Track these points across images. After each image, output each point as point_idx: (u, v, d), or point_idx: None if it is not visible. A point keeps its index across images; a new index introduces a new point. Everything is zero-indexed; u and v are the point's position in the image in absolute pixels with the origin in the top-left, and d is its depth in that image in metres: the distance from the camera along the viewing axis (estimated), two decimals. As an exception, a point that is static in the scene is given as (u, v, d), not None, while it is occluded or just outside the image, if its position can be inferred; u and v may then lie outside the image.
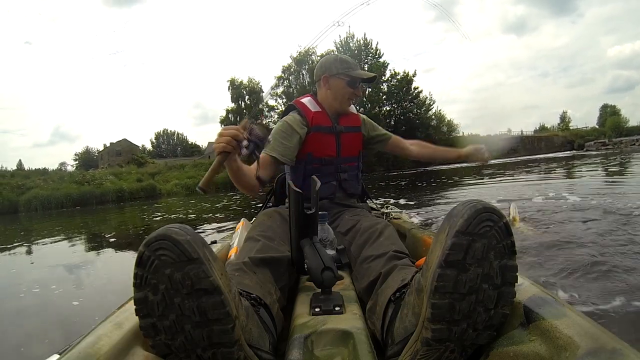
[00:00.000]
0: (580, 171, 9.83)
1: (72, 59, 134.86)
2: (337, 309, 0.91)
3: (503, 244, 0.68)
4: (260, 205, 1.99)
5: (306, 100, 1.69)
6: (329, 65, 1.63)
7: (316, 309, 0.91)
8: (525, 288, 0.77)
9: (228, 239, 1.77)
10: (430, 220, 4.32)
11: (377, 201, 2.11)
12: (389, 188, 10.28)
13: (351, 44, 33.57)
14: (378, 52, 33.90)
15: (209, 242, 0.73)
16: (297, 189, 0.93)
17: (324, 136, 1.61)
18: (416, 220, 4.00)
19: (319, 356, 0.78)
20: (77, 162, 59.63)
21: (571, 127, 54.28)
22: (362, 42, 33.73)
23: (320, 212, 1.10)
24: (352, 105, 1.74)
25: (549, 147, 39.38)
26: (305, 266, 0.95)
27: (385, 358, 0.82)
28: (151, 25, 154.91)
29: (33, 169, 34.48)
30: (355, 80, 1.60)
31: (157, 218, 8.96)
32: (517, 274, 0.71)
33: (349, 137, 1.67)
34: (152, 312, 0.65)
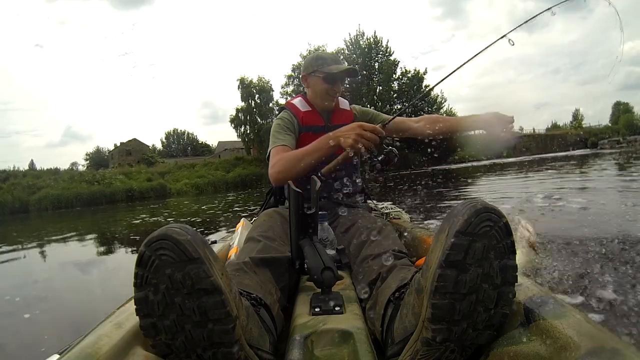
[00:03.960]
0: (600, 170, 9.64)
1: (82, 60, 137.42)
2: (337, 309, 0.91)
3: (503, 243, 0.68)
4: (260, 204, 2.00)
5: (296, 101, 1.70)
6: (307, 64, 1.64)
7: (316, 309, 0.91)
8: (526, 288, 0.77)
9: (228, 239, 1.77)
10: (430, 220, 4.30)
11: (380, 204, 2.09)
12: (388, 189, 10.18)
13: (361, 42, 33.43)
14: (388, 50, 33.72)
15: (209, 242, 0.73)
16: (297, 189, 0.93)
17: (316, 136, 1.57)
18: (416, 220, 3.97)
19: (319, 356, 0.78)
20: (88, 161, 60.34)
21: (584, 125, 53.46)
22: (372, 40, 33.56)
23: (320, 212, 1.11)
24: (344, 102, 1.73)
25: (562, 146, 38.92)
26: (305, 266, 0.95)
27: (385, 358, 0.82)
28: (159, 26, 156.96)
29: (45, 169, 34.95)
30: (330, 76, 1.59)
31: (137, 221, 8.99)
32: (517, 273, 0.71)
33: None
34: (153, 312, 0.65)
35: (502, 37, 1.36)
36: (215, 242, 1.73)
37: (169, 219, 8.50)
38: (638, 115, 50.89)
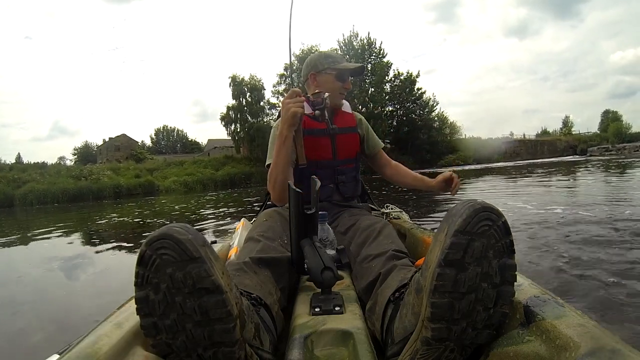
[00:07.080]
0: (589, 176, 9.77)
1: (72, 54, 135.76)
2: (337, 309, 0.91)
3: (502, 242, 0.68)
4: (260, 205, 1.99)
5: None
6: (315, 63, 1.62)
7: (316, 309, 0.91)
8: (525, 288, 0.77)
9: (228, 239, 1.77)
10: (430, 221, 4.32)
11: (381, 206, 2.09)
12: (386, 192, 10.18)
13: (355, 43, 33.51)
14: (382, 51, 33.85)
15: (209, 242, 0.73)
16: (297, 189, 0.93)
17: (319, 139, 1.58)
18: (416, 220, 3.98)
19: (319, 356, 0.78)
20: (76, 156, 59.64)
21: (573, 132, 54.09)
22: (365, 41, 33.66)
23: (320, 212, 1.11)
24: (347, 104, 1.72)
25: (552, 152, 39.41)
26: (305, 266, 0.95)
27: (385, 358, 0.83)
28: (150, 22, 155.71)
29: (32, 162, 34.44)
30: (342, 73, 1.59)
31: (102, 220, 8.81)
32: (517, 273, 0.71)
33: (345, 138, 1.64)
34: (154, 311, 0.65)
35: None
36: (215, 242, 1.74)
37: (136, 219, 8.36)
38: (627, 123, 51.78)
